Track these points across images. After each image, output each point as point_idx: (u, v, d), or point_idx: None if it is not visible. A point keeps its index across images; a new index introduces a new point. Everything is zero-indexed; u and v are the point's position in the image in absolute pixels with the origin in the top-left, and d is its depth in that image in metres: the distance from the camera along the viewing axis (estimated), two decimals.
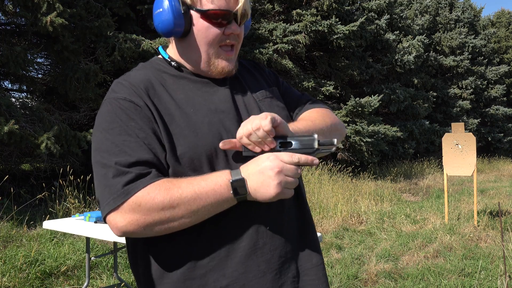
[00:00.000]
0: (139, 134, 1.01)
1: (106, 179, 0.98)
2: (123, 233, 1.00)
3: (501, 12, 26.62)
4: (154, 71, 1.14)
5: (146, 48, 7.62)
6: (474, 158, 6.69)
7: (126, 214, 0.97)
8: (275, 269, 1.08)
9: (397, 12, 15.57)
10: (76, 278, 4.12)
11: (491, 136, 20.64)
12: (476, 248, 5.37)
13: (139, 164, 0.99)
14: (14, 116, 5.85)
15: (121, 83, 1.09)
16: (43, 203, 6.26)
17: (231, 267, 1.05)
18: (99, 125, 1.05)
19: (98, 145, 1.03)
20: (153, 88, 1.09)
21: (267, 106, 1.19)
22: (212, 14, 1.08)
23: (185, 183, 0.99)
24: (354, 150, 11.86)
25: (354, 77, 13.35)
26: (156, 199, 0.96)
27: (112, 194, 0.97)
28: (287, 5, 12.17)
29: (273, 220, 1.10)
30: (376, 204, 8.24)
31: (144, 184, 0.97)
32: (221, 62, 1.12)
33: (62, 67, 7.25)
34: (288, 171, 0.99)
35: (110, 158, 0.99)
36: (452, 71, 19.52)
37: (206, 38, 1.10)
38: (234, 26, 1.10)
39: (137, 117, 1.03)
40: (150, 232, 1.00)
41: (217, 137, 1.06)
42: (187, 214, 0.98)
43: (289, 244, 1.12)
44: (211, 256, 1.05)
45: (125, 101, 1.04)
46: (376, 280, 4.31)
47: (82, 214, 3.36)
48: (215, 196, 0.99)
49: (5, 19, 7.43)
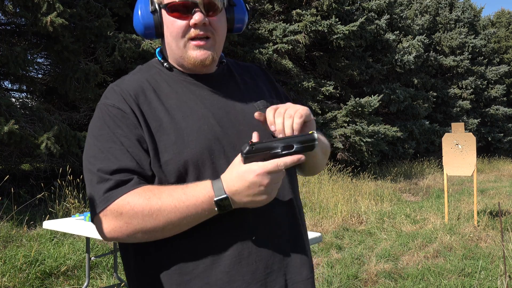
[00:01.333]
0: (124, 142, 1.02)
1: (92, 185, 1.01)
2: (109, 239, 1.01)
3: (501, 12, 26.63)
4: (149, 75, 1.14)
5: (146, 48, 7.62)
6: (474, 158, 6.69)
7: (110, 220, 0.99)
8: (260, 280, 1.06)
9: (397, 12, 15.57)
10: (76, 278, 4.12)
11: (491, 136, 20.64)
12: (476, 248, 5.37)
13: (121, 171, 0.99)
14: (14, 116, 5.85)
15: (113, 89, 1.09)
16: (43, 203, 6.26)
17: (215, 276, 1.03)
18: (90, 130, 1.08)
19: (87, 150, 1.05)
20: (143, 94, 1.08)
21: None
22: (172, 7, 1.07)
23: (166, 193, 0.97)
24: (354, 150, 11.86)
25: (354, 77, 13.36)
26: (136, 208, 0.97)
27: (95, 200, 1.00)
28: (287, 5, 12.17)
29: (261, 230, 1.07)
30: (376, 204, 8.24)
31: (123, 191, 0.98)
32: (192, 53, 1.08)
33: (62, 67, 7.26)
34: (276, 179, 0.97)
35: (95, 165, 1.01)
36: (452, 71, 19.52)
37: (173, 32, 1.08)
38: (198, 16, 1.05)
39: (123, 125, 1.04)
40: (133, 239, 1.00)
41: (204, 145, 1.05)
42: (167, 225, 0.98)
43: (278, 255, 1.09)
44: (195, 262, 1.03)
45: (113, 108, 1.05)
46: (376, 280, 4.31)
47: (82, 214, 3.36)
48: (196, 210, 0.97)
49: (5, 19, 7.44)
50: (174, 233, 1.01)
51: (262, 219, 1.07)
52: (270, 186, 0.96)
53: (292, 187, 1.18)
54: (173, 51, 1.12)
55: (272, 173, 0.95)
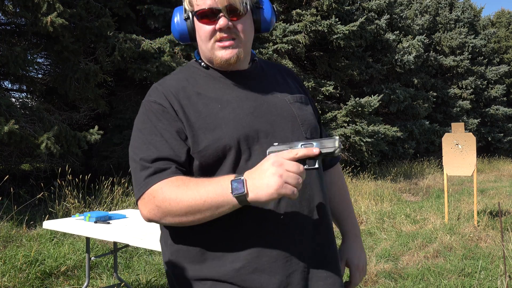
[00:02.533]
0: (164, 134, 1.15)
1: (136, 172, 1.15)
2: (146, 219, 1.15)
3: (501, 12, 26.63)
4: (188, 74, 1.28)
5: (146, 48, 7.62)
6: (474, 158, 6.69)
7: (146, 203, 1.12)
8: (286, 256, 1.16)
9: (397, 12, 15.57)
10: (76, 278, 4.12)
11: (491, 136, 20.63)
12: (476, 248, 5.37)
13: (160, 159, 1.13)
14: (14, 116, 5.85)
15: (156, 88, 1.23)
16: (43, 203, 6.26)
17: (245, 251, 1.14)
18: (135, 124, 1.22)
19: (132, 142, 1.20)
20: (184, 90, 1.21)
21: (297, 109, 1.28)
22: (200, 14, 1.20)
23: (193, 183, 1.08)
24: (354, 150, 11.86)
25: (354, 77, 13.35)
26: (165, 194, 1.09)
27: (137, 185, 1.14)
28: (287, 5, 12.17)
29: (288, 210, 1.17)
30: (376, 204, 8.24)
31: (160, 178, 1.11)
32: (218, 53, 1.20)
33: (62, 67, 7.26)
34: (289, 165, 1.02)
35: (139, 154, 1.15)
36: (452, 71, 19.52)
37: (202, 37, 1.22)
38: (222, 21, 1.17)
39: (164, 119, 1.17)
40: (165, 221, 1.12)
41: (241, 133, 1.16)
42: (190, 211, 1.07)
43: (302, 235, 1.19)
44: (228, 241, 1.15)
45: (155, 104, 1.19)
46: (376, 280, 4.31)
47: (82, 214, 3.36)
48: (215, 196, 1.05)
49: (5, 19, 7.44)
50: (198, 220, 1.10)
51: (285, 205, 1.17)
52: (281, 169, 1.01)
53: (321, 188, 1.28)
54: (204, 52, 1.25)
55: (286, 158, 1.04)
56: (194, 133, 1.15)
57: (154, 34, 8.58)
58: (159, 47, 7.76)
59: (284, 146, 1.09)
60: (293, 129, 1.24)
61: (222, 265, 1.15)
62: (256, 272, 1.14)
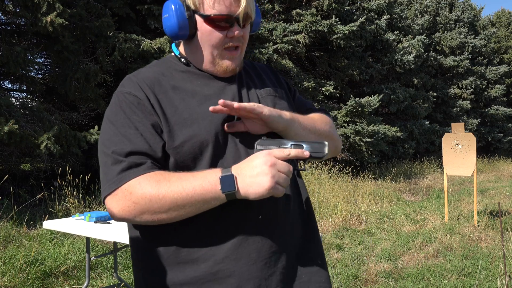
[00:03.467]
0: (139, 127, 1.09)
1: (106, 166, 1.07)
2: (117, 218, 1.07)
3: (501, 12, 26.62)
4: (165, 68, 1.22)
5: (146, 48, 7.61)
6: (474, 158, 6.69)
7: (119, 200, 1.04)
8: (264, 258, 1.11)
9: (397, 12, 15.56)
10: (76, 278, 4.12)
11: (491, 136, 20.63)
12: (476, 248, 5.37)
13: (134, 153, 1.06)
14: (14, 116, 5.85)
15: (130, 79, 1.17)
16: (43, 203, 6.26)
17: (222, 254, 1.09)
18: (107, 116, 1.14)
19: (102, 134, 1.12)
20: (159, 83, 1.16)
21: (270, 103, 1.23)
22: (214, 19, 1.14)
23: (176, 177, 1.03)
24: (354, 150, 11.86)
25: (354, 77, 13.35)
26: (145, 190, 1.02)
27: (108, 181, 1.06)
28: (287, 5, 12.17)
29: (266, 210, 1.12)
30: (376, 204, 8.24)
31: (136, 174, 1.04)
32: (225, 62, 1.17)
33: (62, 67, 7.25)
34: (281, 166, 1.02)
35: (110, 147, 1.08)
36: (452, 71, 19.52)
37: (210, 41, 1.16)
38: (236, 29, 1.14)
39: (138, 111, 1.10)
40: (140, 220, 1.05)
41: (218, 129, 1.12)
42: (174, 207, 1.02)
43: (282, 236, 1.15)
44: (203, 242, 1.09)
45: (130, 95, 1.12)
46: (376, 280, 4.31)
47: (82, 214, 3.36)
48: (202, 192, 1.02)
49: (5, 19, 7.43)
50: (179, 217, 1.05)
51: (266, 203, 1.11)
52: (274, 169, 1.01)
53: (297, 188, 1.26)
54: (204, 56, 1.19)
55: (277, 157, 1.03)
56: (170, 129, 1.10)
57: (154, 34, 8.57)
58: (159, 47, 7.75)
59: (274, 142, 1.09)
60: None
61: (197, 269, 1.08)
62: (233, 276, 1.09)
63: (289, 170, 1.03)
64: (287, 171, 1.02)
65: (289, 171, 1.03)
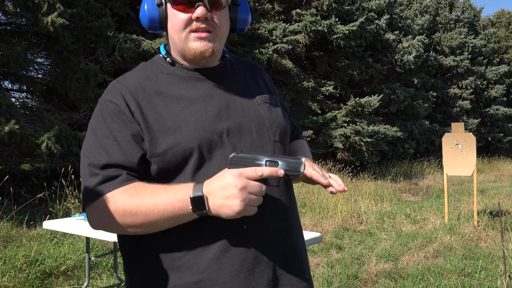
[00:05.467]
0: (118, 136, 1.07)
1: (85, 178, 1.07)
2: (96, 229, 1.08)
3: (501, 12, 26.62)
4: (151, 71, 1.18)
5: (146, 48, 7.62)
6: (474, 158, 6.69)
7: (95, 213, 1.05)
8: (248, 269, 1.08)
9: (397, 12, 15.57)
10: (76, 278, 4.12)
11: (491, 136, 20.64)
12: (476, 248, 5.37)
13: (109, 166, 1.04)
14: (14, 116, 5.85)
15: (114, 85, 1.14)
16: (43, 203, 6.26)
17: (205, 263, 1.06)
18: (90, 124, 1.13)
19: (85, 143, 1.11)
20: (143, 89, 1.12)
21: (266, 111, 1.20)
22: (177, 0, 1.10)
23: (148, 192, 1.02)
24: (354, 150, 11.87)
25: (354, 77, 13.36)
26: (119, 204, 1.02)
27: (86, 193, 1.06)
28: (287, 5, 12.17)
29: (252, 220, 1.08)
30: (376, 204, 8.24)
31: (110, 188, 1.03)
32: (192, 44, 1.11)
33: (62, 67, 7.26)
34: (252, 188, 0.99)
35: (89, 158, 1.07)
36: (452, 71, 19.52)
37: (175, 25, 1.11)
38: (201, 10, 1.08)
39: (119, 120, 1.08)
40: (117, 231, 1.07)
41: (202, 137, 1.08)
42: (146, 223, 1.02)
43: (268, 247, 1.12)
44: (187, 249, 1.07)
45: (111, 104, 1.10)
46: (376, 280, 4.31)
47: (82, 214, 3.36)
48: (174, 210, 1.00)
49: (5, 19, 7.43)
50: (154, 230, 1.04)
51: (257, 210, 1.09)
52: (245, 192, 0.98)
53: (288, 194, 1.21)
54: (175, 43, 1.14)
55: (249, 178, 0.99)
56: (152, 136, 1.06)
57: (154, 34, 8.58)
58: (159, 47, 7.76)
59: (248, 158, 1.04)
60: (260, 132, 1.16)
61: (180, 277, 1.06)
62: (216, 286, 1.06)
63: (260, 191, 1.00)
64: (258, 192, 1.00)
65: (261, 191, 1.00)
